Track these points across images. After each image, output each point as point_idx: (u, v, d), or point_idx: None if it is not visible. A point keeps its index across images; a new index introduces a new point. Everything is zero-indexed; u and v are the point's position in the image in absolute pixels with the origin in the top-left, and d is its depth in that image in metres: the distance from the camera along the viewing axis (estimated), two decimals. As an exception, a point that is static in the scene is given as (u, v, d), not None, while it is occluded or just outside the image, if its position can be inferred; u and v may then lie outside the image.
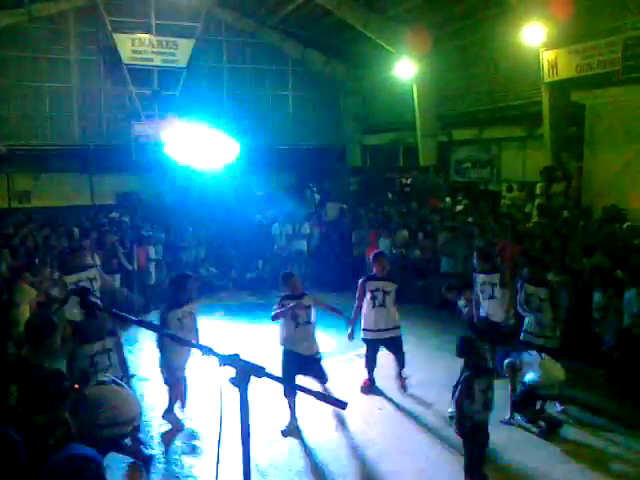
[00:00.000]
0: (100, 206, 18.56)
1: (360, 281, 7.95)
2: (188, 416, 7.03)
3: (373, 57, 19.10)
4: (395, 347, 7.89)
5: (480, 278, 8.06)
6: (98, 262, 11.11)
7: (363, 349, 9.35)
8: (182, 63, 19.63)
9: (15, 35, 18.24)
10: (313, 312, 6.81)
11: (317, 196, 19.44)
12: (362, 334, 7.93)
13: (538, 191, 13.34)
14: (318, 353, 6.89)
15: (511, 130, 15.83)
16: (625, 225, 10.20)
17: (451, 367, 8.44)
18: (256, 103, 21.39)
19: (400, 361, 7.90)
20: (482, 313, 8.11)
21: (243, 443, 2.36)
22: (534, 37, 12.70)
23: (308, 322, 6.75)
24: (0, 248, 11.10)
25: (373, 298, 7.71)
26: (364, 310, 7.84)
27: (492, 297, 7.89)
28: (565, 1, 11.75)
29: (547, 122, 13.56)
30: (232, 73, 21.21)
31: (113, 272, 11.42)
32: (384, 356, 9.15)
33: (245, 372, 2.32)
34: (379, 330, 7.78)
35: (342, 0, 16.84)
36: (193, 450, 6.30)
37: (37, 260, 10.95)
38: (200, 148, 15.78)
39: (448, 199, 15.61)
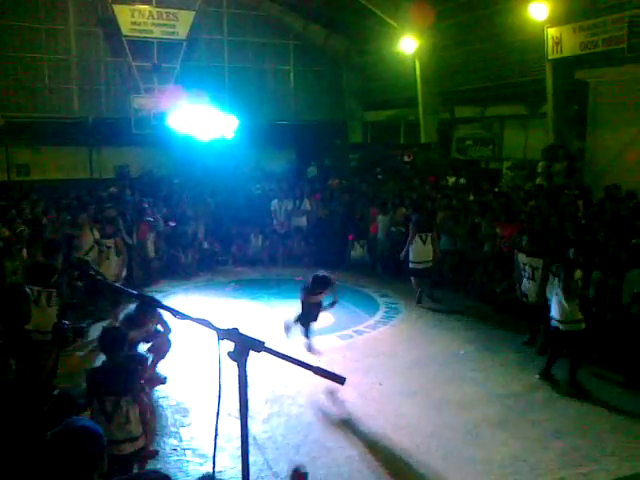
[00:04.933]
0: (99, 179, 18.50)
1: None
2: (186, 389, 7.09)
3: (375, 32, 18.86)
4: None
5: (522, 258, 8.18)
6: (97, 236, 11.13)
7: (361, 325, 9.46)
8: (182, 35, 19.36)
9: (13, 5, 17.97)
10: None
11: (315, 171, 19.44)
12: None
13: (539, 170, 13.27)
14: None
15: (514, 108, 15.73)
16: (632, 203, 10.12)
17: (449, 345, 8.58)
18: (257, 77, 21.18)
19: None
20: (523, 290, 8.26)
21: (241, 417, 2.37)
22: (538, 13, 12.54)
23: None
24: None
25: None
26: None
27: (531, 278, 8.03)
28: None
29: (550, 100, 13.44)
30: (233, 46, 20.95)
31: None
32: (385, 333, 9.25)
33: (244, 346, 2.31)
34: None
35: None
36: (191, 423, 6.35)
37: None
38: (200, 120, 15.77)
39: (450, 177, 15.53)
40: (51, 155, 18.95)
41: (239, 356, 2.34)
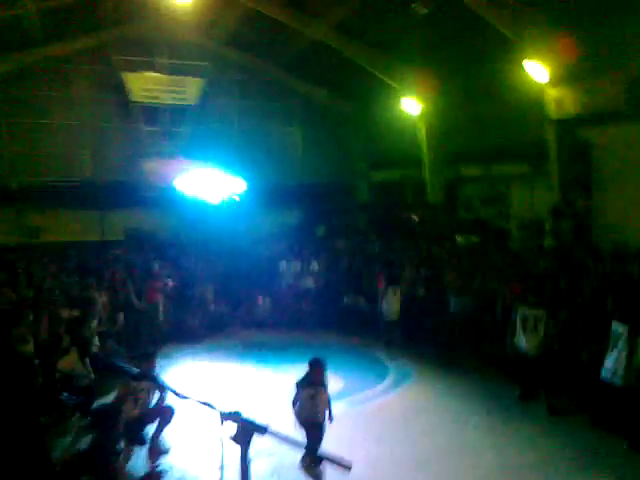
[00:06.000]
0: (109, 242, 18.62)
1: None
2: (190, 461, 6.90)
3: (380, 94, 19.29)
4: None
5: (524, 309, 8.17)
6: (104, 299, 11.14)
7: (371, 391, 9.26)
8: (191, 101, 19.89)
9: (27, 75, 18.59)
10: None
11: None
12: None
13: (547, 229, 13.28)
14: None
15: (518, 167, 15.83)
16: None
17: (461, 412, 8.36)
18: (264, 139, 21.56)
19: None
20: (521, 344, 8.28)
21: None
22: (538, 74, 12.77)
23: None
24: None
25: None
26: None
27: (533, 331, 8.07)
28: (568, 41, 11.83)
29: (553, 159, 13.56)
30: (240, 110, 21.46)
31: (119, 310, 11.43)
32: (395, 399, 9.05)
33: (247, 430, 2.27)
34: None
35: (349, 40, 17.06)
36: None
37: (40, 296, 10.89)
38: (208, 183, 16.01)
39: (459, 237, 15.55)
40: (62, 218, 19.17)
41: (241, 440, 2.29)
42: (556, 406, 8.06)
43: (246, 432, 2.28)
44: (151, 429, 6.98)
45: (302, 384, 6.78)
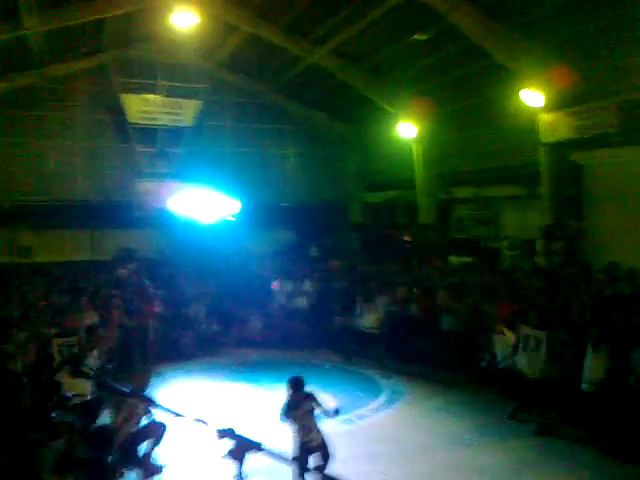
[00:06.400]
0: (100, 262, 18.55)
1: None
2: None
3: (375, 117, 19.49)
4: None
5: (526, 330, 8.26)
6: (96, 319, 11.08)
7: (363, 409, 9.23)
8: (187, 123, 19.98)
9: (24, 95, 18.64)
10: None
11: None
12: None
13: (538, 249, 13.37)
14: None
15: (510, 189, 15.99)
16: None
17: (454, 430, 8.35)
18: (259, 161, 21.66)
19: None
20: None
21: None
22: (532, 101, 12.93)
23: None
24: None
25: None
26: None
27: (534, 351, 8.15)
28: (563, 70, 12.02)
29: (546, 182, 13.71)
30: (235, 132, 21.58)
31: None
32: (388, 417, 9.03)
33: (242, 447, 2.28)
34: None
35: (345, 64, 17.25)
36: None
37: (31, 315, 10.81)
38: (202, 203, 16.05)
39: (453, 257, 15.64)
40: (54, 237, 19.12)
41: (236, 457, 2.30)
42: (547, 426, 8.06)
43: (241, 449, 2.28)
44: (143, 448, 6.93)
45: (290, 408, 6.27)
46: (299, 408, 6.26)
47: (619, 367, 7.59)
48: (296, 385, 6.40)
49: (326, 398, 7.67)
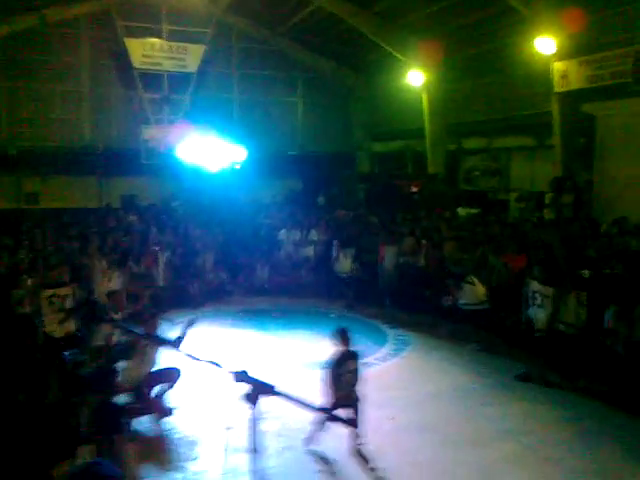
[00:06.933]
0: (109, 208, 18.60)
1: None
2: (194, 422, 7.02)
3: (383, 65, 19.13)
4: None
5: (534, 285, 8.35)
6: (105, 265, 11.19)
7: (371, 357, 9.37)
8: (192, 68, 19.68)
9: (27, 39, 18.32)
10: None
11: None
12: None
13: (547, 202, 13.28)
14: None
15: (521, 140, 15.81)
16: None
17: (461, 378, 8.50)
18: (265, 109, 21.43)
19: None
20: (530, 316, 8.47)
21: (251, 457, 2.36)
22: (545, 48, 12.66)
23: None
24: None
25: None
26: None
27: (541, 306, 8.24)
28: (577, 13, 11.71)
29: (557, 133, 13.52)
30: (242, 79, 21.26)
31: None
32: (395, 366, 9.18)
33: (255, 389, 2.32)
34: None
35: (354, 8, 16.83)
36: (198, 457, 6.27)
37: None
38: (209, 151, 15.94)
39: (461, 208, 15.58)
40: (61, 184, 19.14)
41: (249, 399, 2.34)
42: (553, 381, 8.17)
43: (254, 391, 2.33)
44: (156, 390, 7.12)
45: (336, 361, 6.07)
46: (344, 365, 6.10)
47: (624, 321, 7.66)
48: (345, 337, 6.20)
49: (332, 347, 7.78)
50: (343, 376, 6.07)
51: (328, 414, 5.64)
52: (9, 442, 3.88)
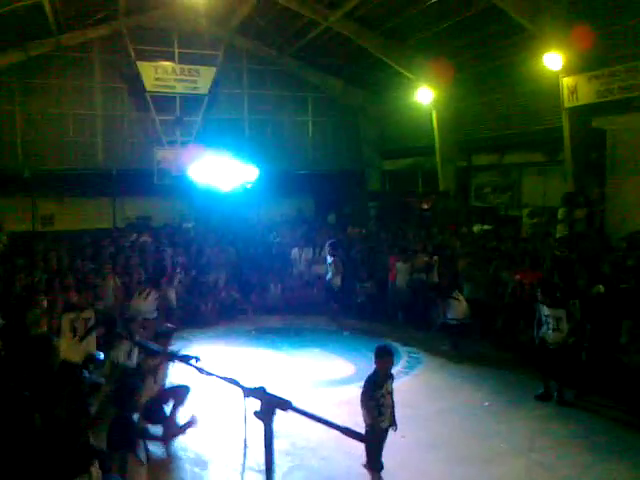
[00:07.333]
0: (122, 229, 18.74)
1: None
2: (206, 441, 7.02)
3: (392, 83, 19.24)
4: None
5: (545, 310, 8.29)
6: (119, 284, 11.30)
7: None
8: (204, 90, 19.91)
9: (42, 63, 18.65)
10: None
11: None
12: None
13: (560, 217, 13.24)
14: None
15: (531, 155, 15.78)
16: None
17: (472, 396, 8.43)
18: (276, 128, 21.59)
19: None
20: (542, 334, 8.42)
21: (267, 475, 2.37)
22: (554, 63, 12.69)
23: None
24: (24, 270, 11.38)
25: None
26: None
27: (556, 329, 8.17)
28: (584, 30, 11.75)
29: (568, 148, 13.49)
30: (252, 99, 21.45)
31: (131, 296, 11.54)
32: (406, 384, 9.13)
33: (270, 405, 2.33)
34: None
35: (361, 29, 16.98)
36: (209, 478, 6.26)
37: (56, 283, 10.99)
38: (221, 171, 16.06)
39: (475, 225, 15.57)
40: (75, 206, 19.33)
41: (265, 415, 2.36)
42: (567, 398, 8.10)
43: (270, 407, 2.34)
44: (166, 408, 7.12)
45: (376, 382, 5.74)
46: (383, 386, 5.80)
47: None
48: (389, 355, 5.85)
49: (345, 365, 7.79)
50: (384, 398, 5.83)
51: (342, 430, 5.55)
52: (24, 460, 3.90)
